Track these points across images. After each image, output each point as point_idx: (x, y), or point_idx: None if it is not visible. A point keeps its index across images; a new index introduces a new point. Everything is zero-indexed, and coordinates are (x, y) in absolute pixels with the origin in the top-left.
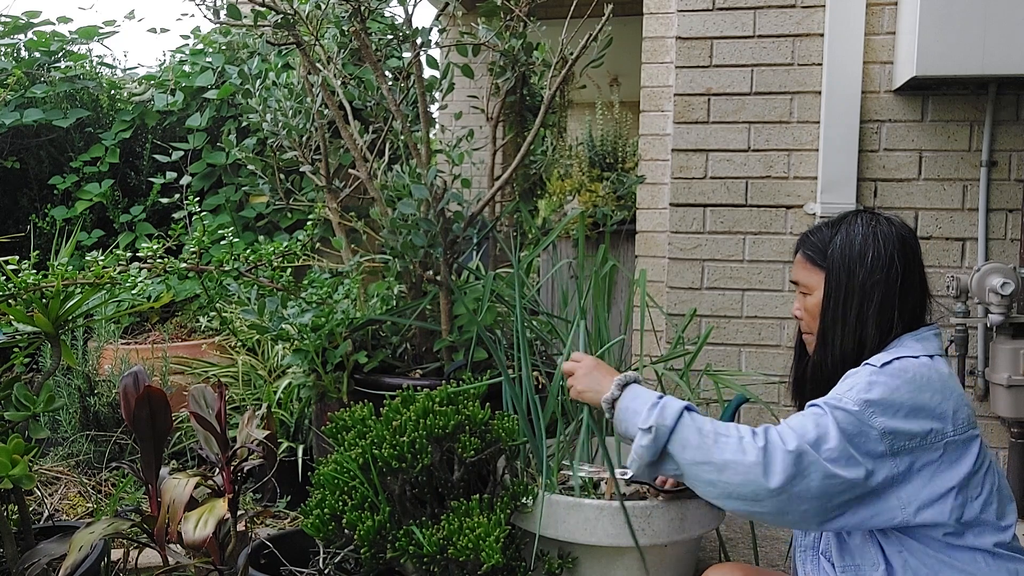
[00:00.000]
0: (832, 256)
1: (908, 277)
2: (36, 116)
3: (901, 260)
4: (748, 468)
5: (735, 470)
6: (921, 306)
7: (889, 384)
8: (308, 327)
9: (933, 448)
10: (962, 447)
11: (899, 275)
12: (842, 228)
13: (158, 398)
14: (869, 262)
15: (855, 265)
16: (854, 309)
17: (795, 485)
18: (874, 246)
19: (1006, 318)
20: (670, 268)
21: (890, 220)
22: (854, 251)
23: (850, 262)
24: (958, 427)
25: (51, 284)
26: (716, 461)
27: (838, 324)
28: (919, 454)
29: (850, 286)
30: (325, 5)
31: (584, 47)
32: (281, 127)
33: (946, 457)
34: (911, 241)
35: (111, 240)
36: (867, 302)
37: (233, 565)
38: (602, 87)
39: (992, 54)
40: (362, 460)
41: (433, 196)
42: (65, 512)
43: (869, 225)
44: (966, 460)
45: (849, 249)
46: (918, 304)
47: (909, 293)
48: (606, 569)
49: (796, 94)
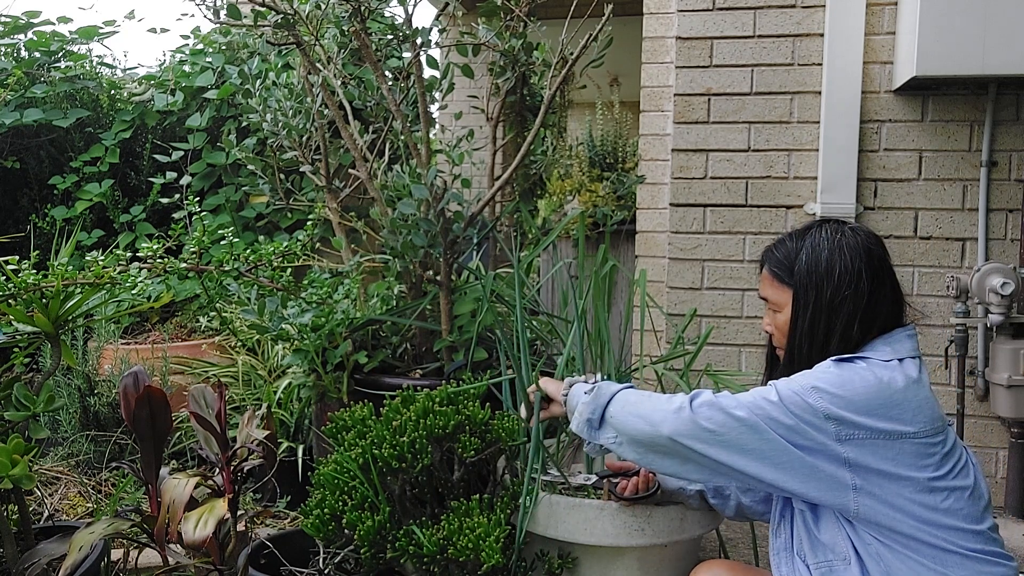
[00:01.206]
0: (799, 273)
1: (877, 289)
2: (36, 116)
3: (868, 272)
4: (677, 411)
5: (666, 417)
6: (894, 312)
7: (843, 376)
8: (308, 327)
9: (886, 445)
10: (925, 447)
11: (867, 289)
12: (807, 242)
13: (158, 398)
14: (836, 277)
15: (822, 282)
16: (822, 326)
17: (724, 430)
18: (840, 260)
19: (1006, 318)
20: (670, 268)
21: (855, 230)
22: (820, 267)
23: (817, 279)
24: (919, 429)
25: (51, 284)
26: (648, 411)
27: (805, 340)
28: (871, 447)
29: (818, 304)
30: (325, 5)
31: (584, 47)
32: (281, 127)
33: (903, 456)
34: (877, 251)
35: (111, 240)
36: (835, 318)
37: (233, 565)
38: (602, 87)
39: (992, 54)
40: (362, 460)
41: (433, 196)
42: (65, 512)
43: (834, 238)
44: (928, 461)
45: (815, 265)
46: (890, 312)
47: (879, 304)
48: (606, 569)
49: (796, 94)
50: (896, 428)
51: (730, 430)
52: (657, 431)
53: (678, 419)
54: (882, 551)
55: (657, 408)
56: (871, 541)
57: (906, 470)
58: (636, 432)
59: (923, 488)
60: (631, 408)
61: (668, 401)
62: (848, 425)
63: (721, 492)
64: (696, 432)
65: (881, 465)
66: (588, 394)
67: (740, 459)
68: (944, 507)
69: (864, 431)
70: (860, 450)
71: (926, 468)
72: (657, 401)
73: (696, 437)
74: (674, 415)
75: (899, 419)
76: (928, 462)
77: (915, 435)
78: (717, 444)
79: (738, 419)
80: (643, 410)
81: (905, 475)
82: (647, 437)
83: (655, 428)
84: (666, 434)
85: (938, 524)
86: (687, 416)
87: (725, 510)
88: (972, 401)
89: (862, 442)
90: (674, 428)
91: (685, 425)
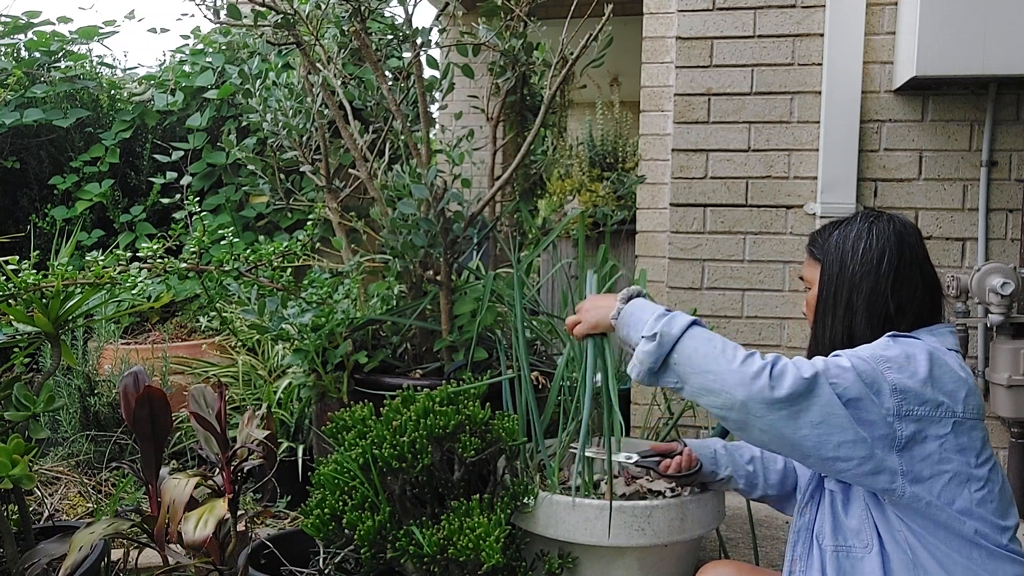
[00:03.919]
0: (827, 249)
1: (902, 272)
2: (36, 116)
3: (895, 254)
4: (752, 378)
5: (738, 380)
6: (928, 304)
7: (905, 350)
8: (308, 327)
9: (941, 423)
10: (968, 433)
11: (890, 269)
12: (843, 223)
13: (158, 398)
14: (860, 254)
15: (846, 257)
16: (843, 299)
17: (797, 404)
18: (867, 239)
19: (1006, 318)
20: (670, 268)
21: (892, 218)
22: (847, 244)
23: (842, 254)
24: (967, 411)
25: (51, 284)
26: (719, 370)
27: (828, 314)
28: (926, 424)
29: (840, 277)
30: (325, 5)
31: (584, 47)
32: (281, 127)
33: (952, 437)
34: (910, 237)
35: (111, 240)
36: (856, 293)
37: (233, 565)
38: (602, 87)
39: (992, 54)
40: (362, 460)
41: (433, 196)
42: (65, 512)
43: (867, 221)
44: (971, 448)
45: (843, 242)
46: (921, 301)
47: (904, 288)
48: (606, 569)
49: (796, 94)
50: (951, 404)
51: (804, 400)
52: (730, 395)
53: (755, 386)
54: (911, 539)
55: (731, 368)
56: (901, 528)
57: (951, 452)
58: (702, 388)
59: (964, 475)
60: (699, 362)
61: (744, 362)
62: (913, 397)
63: (752, 481)
64: (770, 402)
65: (930, 446)
66: (649, 341)
67: (802, 431)
68: (979, 497)
69: (925, 406)
70: (917, 427)
71: (969, 453)
72: (729, 357)
73: (768, 407)
74: (752, 381)
75: (954, 395)
76: (971, 448)
77: (963, 416)
78: (787, 416)
79: (815, 393)
80: (715, 366)
81: (949, 457)
82: (715, 396)
83: (727, 391)
84: (741, 399)
85: (972, 514)
86: (765, 383)
87: (752, 495)
88: None
89: (919, 419)
90: (749, 394)
91: (761, 393)
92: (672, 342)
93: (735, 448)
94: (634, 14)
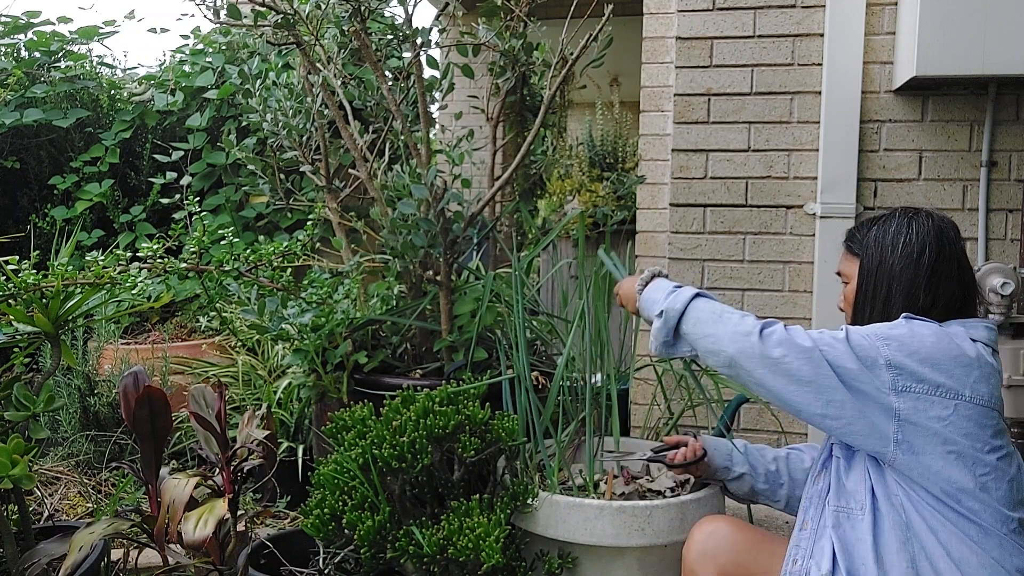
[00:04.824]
0: (867, 244)
1: (941, 265)
2: (36, 116)
3: (934, 248)
4: (743, 335)
5: (730, 338)
6: (962, 299)
7: (914, 330)
8: (308, 327)
9: (941, 404)
10: (977, 419)
11: (930, 262)
12: (882, 219)
13: (158, 398)
14: (900, 248)
15: (886, 251)
16: (882, 292)
17: (785, 363)
18: (907, 233)
19: (1006, 318)
20: (670, 268)
21: (931, 214)
22: (887, 239)
23: (882, 248)
24: (975, 396)
25: (51, 284)
26: (716, 332)
27: (867, 307)
28: (925, 403)
29: (880, 271)
30: (325, 5)
31: (584, 47)
32: (281, 127)
33: (956, 419)
34: (949, 233)
35: (111, 240)
36: (896, 285)
37: (233, 565)
38: (602, 87)
39: (992, 54)
40: (362, 460)
41: (433, 196)
42: (65, 512)
43: (906, 217)
44: (979, 434)
45: (883, 237)
46: (956, 296)
47: (942, 281)
48: (606, 569)
49: (796, 94)
50: (955, 387)
51: (792, 360)
52: (724, 351)
53: (746, 342)
54: (907, 504)
55: (728, 328)
56: (898, 492)
57: (955, 434)
58: (706, 350)
59: (970, 458)
60: (702, 328)
61: (740, 322)
62: (908, 375)
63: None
64: (758, 356)
65: (932, 424)
66: (659, 318)
67: (790, 387)
68: (982, 482)
69: (923, 384)
70: (915, 403)
71: (976, 438)
72: (728, 321)
73: (757, 361)
74: (743, 338)
75: (959, 379)
76: (980, 434)
77: (971, 399)
78: (775, 371)
79: (802, 349)
80: (712, 329)
81: (953, 439)
82: (716, 355)
83: (722, 348)
84: (729, 353)
85: (973, 496)
86: (755, 341)
87: (774, 499)
88: None
89: (918, 396)
90: (738, 349)
91: (751, 348)
92: (677, 316)
93: (757, 449)
94: (634, 14)
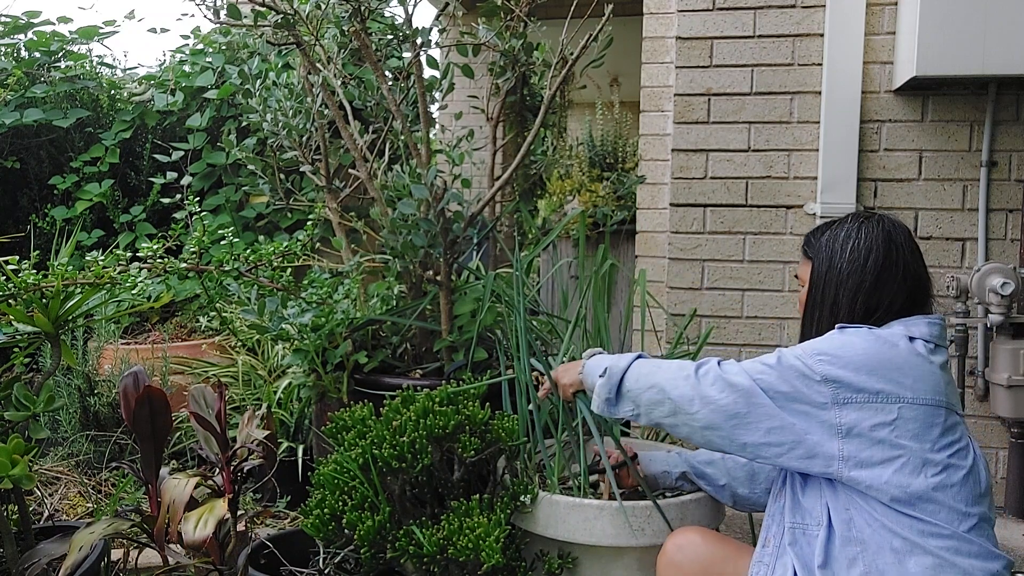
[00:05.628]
0: (818, 248)
1: (886, 271)
2: (36, 116)
3: (881, 253)
4: (683, 379)
5: (672, 384)
6: (910, 301)
7: (847, 340)
8: (308, 327)
9: (885, 410)
10: (923, 418)
11: (876, 268)
12: (835, 225)
13: (158, 398)
14: (848, 253)
15: (835, 256)
16: (830, 296)
17: (723, 400)
18: (855, 239)
19: (1006, 318)
20: (670, 268)
21: (882, 219)
22: (836, 244)
23: (831, 253)
24: (918, 396)
25: (51, 284)
26: (658, 381)
27: (816, 311)
28: (868, 412)
29: (829, 275)
30: (325, 5)
31: (584, 47)
32: (281, 127)
33: (902, 423)
34: (898, 237)
35: (111, 240)
36: (843, 290)
37: (233, 565)
38: (602, 87)
39: (992, 54)
40: (362, 460)
41: (433, 196)
42: (65, 512)
43: (857, 222)
44: (926, 433)
45: (833, 242)
46: (904, 299)
47: (887, 286)
48: (606, 569)
49: (796, 94)
50: (894, 391)
51: (727, 395)
52: (665, 397)
53: (685, 385)
54: (856, 518)
55: (667, 375)
56: (849, 507)
57: (902, 438)
58: (650, 402)
59: (919, 460)
60: (644, 381)
61: (678, 367)
62: (846, 387)
63: (713, 480)
64: (699, 398)
65: (877, 432)
66: (602, 377)
67: (730, 422)
68: (935, 482)
69: (862, 394)
70: (859, 414)
71: (923, 439)
72: (667, 369)
73: (699, 403)
74: (682, 381)
75: (898, 382)
76: (927, 434)
77: (913, 401)
78: (715, 410)
79: (733, 384)
80: (655, 380)
81: (899, 443)
82: (660, 405)
83: (667, 396)
84: (672, 398)
85: (924, 497)
86: (693, 382)
87: (720, 496)
88: (972, 401)
89: (860, 406)
90: (679, 394)
91: (690, 390)
92: (620, 373)
93: (694, 454)
94: (634, 14)
